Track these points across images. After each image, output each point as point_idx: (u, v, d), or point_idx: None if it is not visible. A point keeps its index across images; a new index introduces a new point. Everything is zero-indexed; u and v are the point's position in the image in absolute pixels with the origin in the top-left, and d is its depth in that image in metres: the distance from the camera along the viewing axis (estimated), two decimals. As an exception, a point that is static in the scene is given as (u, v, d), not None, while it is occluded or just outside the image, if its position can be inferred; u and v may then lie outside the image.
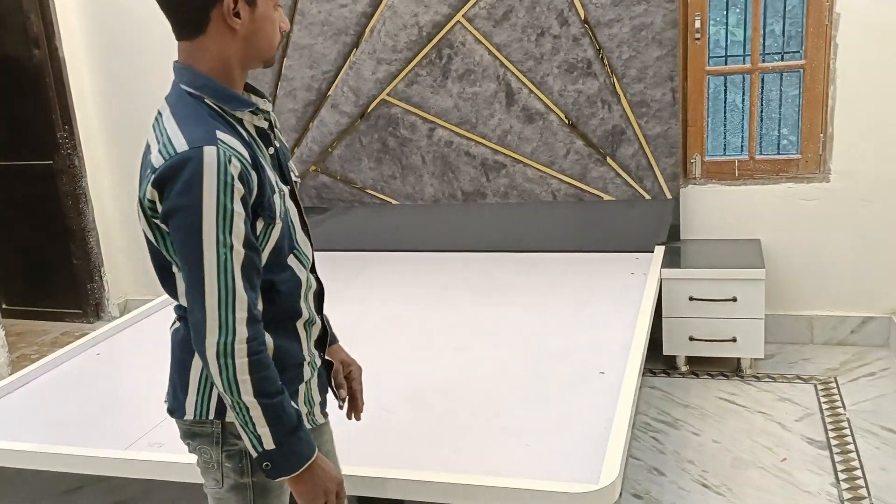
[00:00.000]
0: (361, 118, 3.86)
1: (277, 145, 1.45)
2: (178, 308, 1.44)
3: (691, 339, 3.37)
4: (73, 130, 4.38)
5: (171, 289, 1.42)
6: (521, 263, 3.58)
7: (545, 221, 3.74)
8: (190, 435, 1.46)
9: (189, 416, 1.43)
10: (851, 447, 2.75)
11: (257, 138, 1.40)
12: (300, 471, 1.35)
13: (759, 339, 3.30)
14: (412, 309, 3.13)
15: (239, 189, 1.27)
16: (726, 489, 2.57)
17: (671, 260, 3.43)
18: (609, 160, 3.58)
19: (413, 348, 2.74)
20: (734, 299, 3.27)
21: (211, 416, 1.41)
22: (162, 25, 1.39)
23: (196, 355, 1.37)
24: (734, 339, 3.31)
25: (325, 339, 1.59)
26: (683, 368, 3.45)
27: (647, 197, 3.59)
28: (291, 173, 1.50)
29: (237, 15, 1.32)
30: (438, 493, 1.82)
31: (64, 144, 4.39)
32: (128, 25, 4.18)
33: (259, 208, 1.33)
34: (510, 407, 2.24)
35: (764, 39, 3.50)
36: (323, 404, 1.57)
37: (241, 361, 1.27)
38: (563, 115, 3.57)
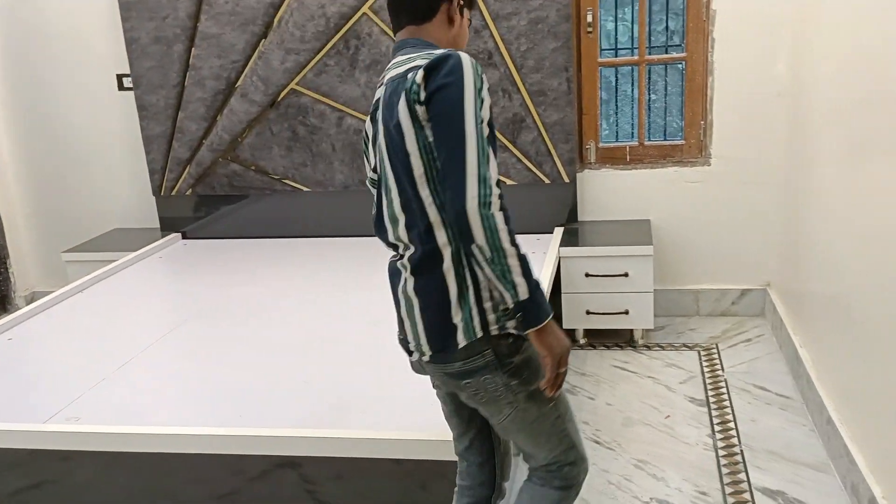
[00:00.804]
0: (271, 107, 3.95)
1: None
2: (418, 254, 1.60)
3: (588, 312, 3.61)
4: (-26, 120, 4.30)
5: (411, 218, 1.59)
6: (428, 246, 3.75)
7: (451, 205, 3.91)
8: (466, 374, 1.59)
9: (461, 343, 1.56)
10: (727, 403, 3.03)
11: None
12: (545, 322, 1.51)
13: (650, 312, 3.57)
14: (327, 290, 3.25)
15: (485, 83, 1.55)
16: (616, 444, 2.80)
17: (569, 239, 3.66)
18: (511, 146, 3.79)
19: (329, 324, 2.87)
20: (626, 275, 3.53)
21: (479, 333, 1.55)
22: (68, 12, 1.48)
23: (448, 285, 1.56)
24: (627, 312, 3.57)
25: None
26: (582, 341, 3.69)
27: (547, 181, 3.81)
28: None
29: (458, 12, 1.68)
30: (340, 448, 1.97)
31: (-36, 134, 4.30)
32: (31, 12, 4.14)
33: (492, 121, 1.56)
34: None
35: (650, 33, 3.76)
36: None
37: (499, 214, 1.47)
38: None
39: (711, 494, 2.48)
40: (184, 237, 4.19)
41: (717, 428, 2.87)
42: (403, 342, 1.72)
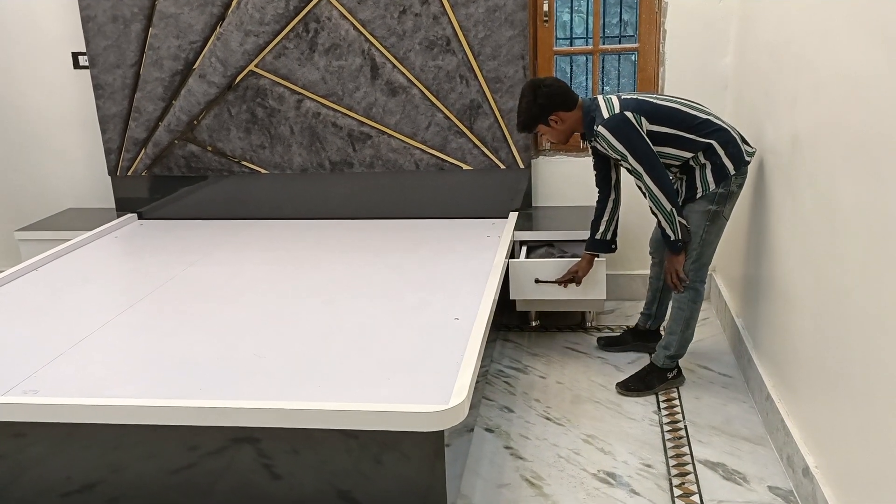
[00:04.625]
0: (230, 89, 3.95)
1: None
2: None
3: (541, 295, 3.69)
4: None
5: None
6: (385, 229, 3.81)
7: (408, 190, 3.97)
8: None
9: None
10: (672, 382, 3.15)
11: None
12: None
13: (601, 295, 3.67)
14: (283, 270, 3.29)
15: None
16: (566, 420, 2.90)
17: (523, 224, 3.75)
18: (467, 132, 3.85)
19: (284, 303, 2.91)
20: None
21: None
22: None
23: None
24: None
25: None
26: (535, 323, 3.79)
27: (503, 167, 3.89)
28: None
29: None
30: (308, 419, 2.02)
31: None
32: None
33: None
34: (374, 350, 2.45)
35: (604, 25, 3.86)
36: None
37: None
38: (424, 89, 3.81)
39: (656, 466, 2.59)
40: (140, 217, 4.17)
41: (662, 405, 2.98)
42: None
